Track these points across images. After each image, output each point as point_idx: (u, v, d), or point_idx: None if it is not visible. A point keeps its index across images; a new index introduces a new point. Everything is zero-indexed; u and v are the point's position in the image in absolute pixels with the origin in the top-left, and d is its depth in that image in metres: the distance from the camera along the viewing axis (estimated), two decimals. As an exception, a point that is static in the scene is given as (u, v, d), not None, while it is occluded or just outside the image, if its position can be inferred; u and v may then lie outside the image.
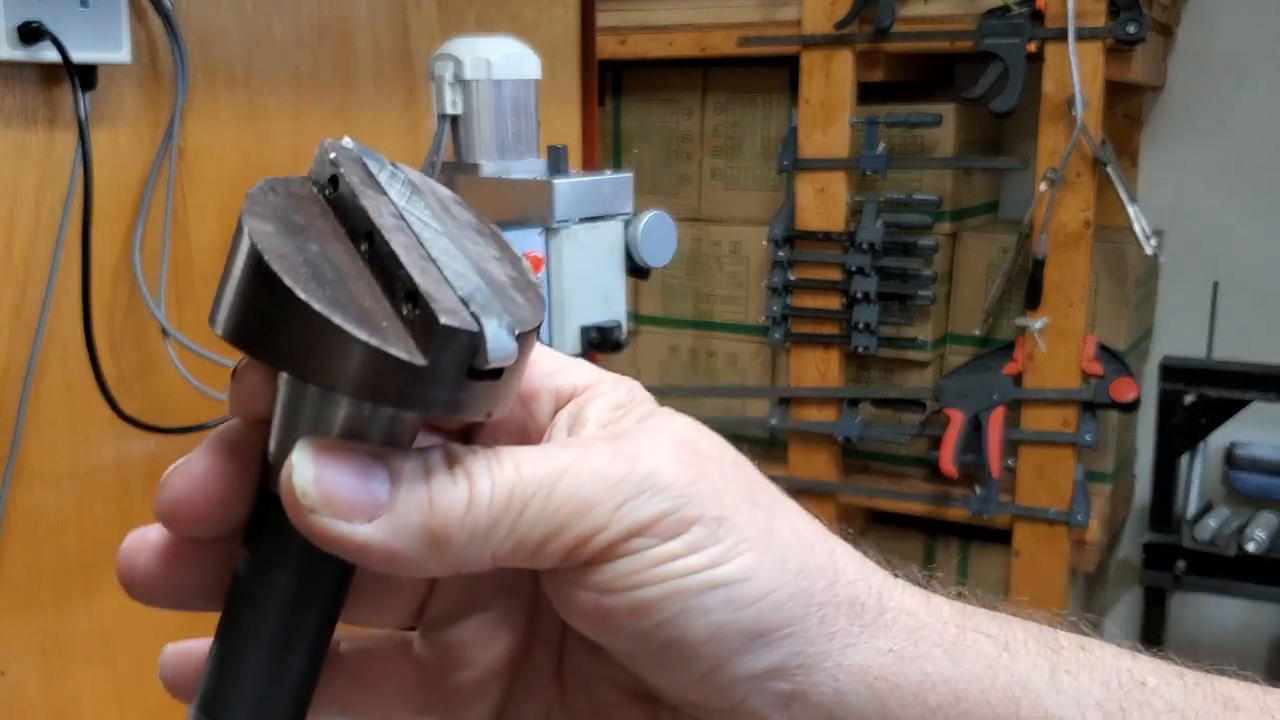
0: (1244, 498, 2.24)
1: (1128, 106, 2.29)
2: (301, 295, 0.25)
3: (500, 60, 0.91)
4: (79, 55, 0.87)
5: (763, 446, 2.29)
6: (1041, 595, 2.06)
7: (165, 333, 0.95)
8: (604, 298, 0.92)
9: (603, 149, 2.35)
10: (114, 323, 0.97)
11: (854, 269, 2.06)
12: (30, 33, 0.85)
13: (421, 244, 0.27)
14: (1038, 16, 1.91)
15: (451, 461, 0.27)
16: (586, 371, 0.32)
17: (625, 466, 0.27)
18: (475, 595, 0.33)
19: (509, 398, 0.28)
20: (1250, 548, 1.96)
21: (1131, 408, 2.00)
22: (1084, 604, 2.24)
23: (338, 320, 0.25)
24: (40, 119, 0.90)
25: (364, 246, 0.27)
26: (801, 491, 2.21)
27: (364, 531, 0.26)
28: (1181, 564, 1.99)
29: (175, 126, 0.97)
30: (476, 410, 0.27)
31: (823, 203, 2.10)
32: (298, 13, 1.06)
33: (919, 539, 2.23)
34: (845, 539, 0.31)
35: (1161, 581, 2.02)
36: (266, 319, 0.26)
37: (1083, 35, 1.86)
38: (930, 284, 2.06)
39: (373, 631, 0.35)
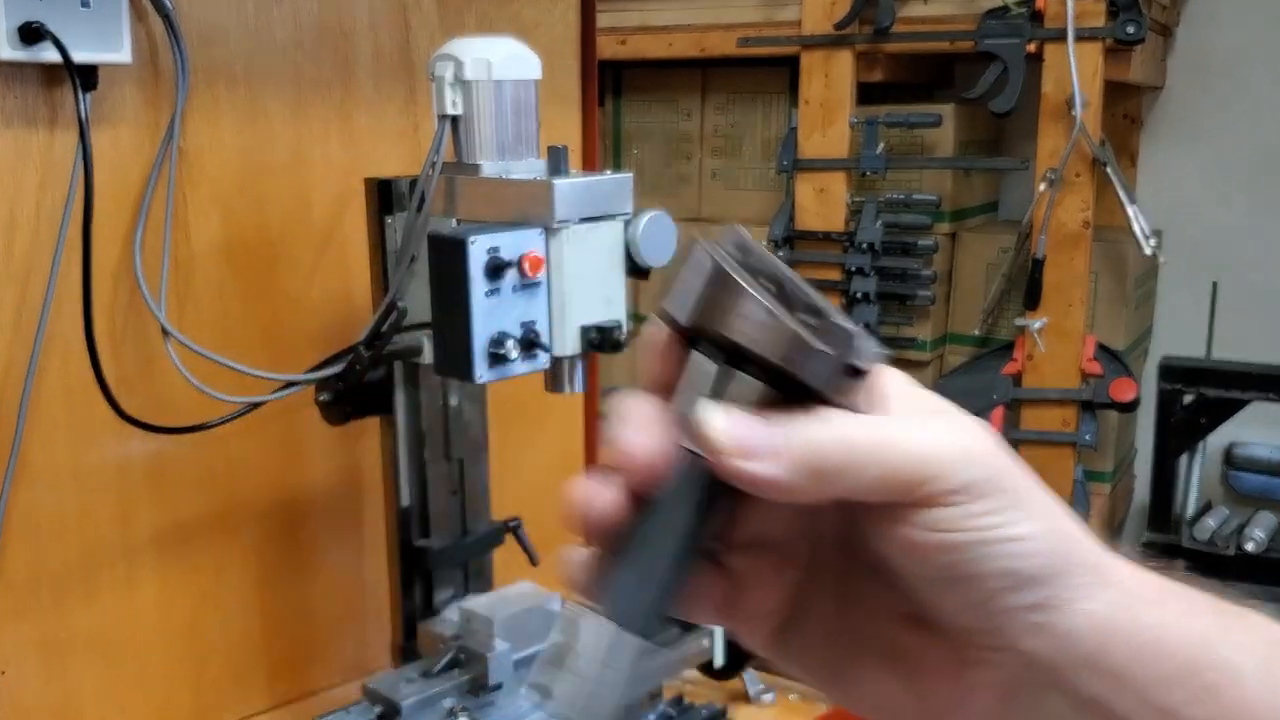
0: (1243, 497, 2.24)
1: (1127, 107, 2.29)
2: (753, 294, 0.35)
3: (501, 61, 0.91)
4: (80, 55, 0.87)
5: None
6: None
7: (166, 333, 0.95)
8: (604, 298, 0.92)
9: (603, 149, 2.35)
10: (115, 322, 0.97)
11: (853, 269, 2.07)
12: (31, 33, 0.85)
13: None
14: (1037, 17, 1.91)
15: (830, 416, 0.36)
16: None
17: (960, 437, 0.37)
18: (775, 527, 0.40)
19: (856, 402, 0.36)
20: (1249, 547, 1.96)
21: (1131, 407, 2.00)
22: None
23: (777, 314, 0.35)
24: (41, 119, 0.91)
25: (770, 286, 0.36)
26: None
27: (762, 468, 0.35)
28: (1180, 563, 1.99)
29: (176, 126, 0.97)
30: (838, 396, 0.36)
31: (822, 203, 2.10)
32: (298, 13, 1.06)
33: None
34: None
35: (1161, 581, 2.02)
36: (723, 308, 0.36)
37: (1082, 36, 1.87)
38: (930, 284, 2.06)
39: None
